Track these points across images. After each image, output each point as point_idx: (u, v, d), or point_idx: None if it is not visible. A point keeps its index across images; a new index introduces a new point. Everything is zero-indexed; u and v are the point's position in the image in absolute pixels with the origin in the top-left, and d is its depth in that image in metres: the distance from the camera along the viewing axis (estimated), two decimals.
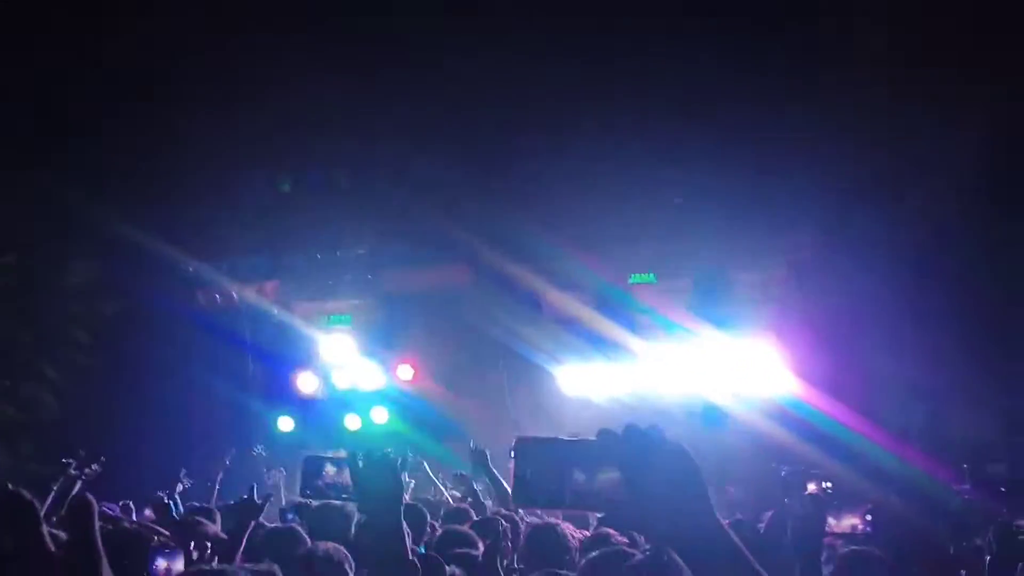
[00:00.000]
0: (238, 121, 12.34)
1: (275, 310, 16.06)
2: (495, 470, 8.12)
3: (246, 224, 14.16)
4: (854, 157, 11.26)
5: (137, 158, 12.43)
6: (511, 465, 1.61)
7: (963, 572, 3.61)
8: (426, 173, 12.93)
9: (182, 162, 12.74)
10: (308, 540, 4.51)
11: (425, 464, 10.04)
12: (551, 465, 1.58)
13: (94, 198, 12.06)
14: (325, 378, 16.41)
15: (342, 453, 3.51)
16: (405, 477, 7.01)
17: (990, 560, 3.67)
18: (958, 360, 10.79)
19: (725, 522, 1.56)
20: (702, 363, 14.28)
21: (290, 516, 6.88)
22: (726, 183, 12.06)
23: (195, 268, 15.22)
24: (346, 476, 4.38)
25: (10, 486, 3.15)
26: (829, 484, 4.36)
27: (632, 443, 1.53)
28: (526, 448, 1.62)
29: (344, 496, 4.55)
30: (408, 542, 2.85)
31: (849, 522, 4.22)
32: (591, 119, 11.78)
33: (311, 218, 13.95)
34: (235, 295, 15.79)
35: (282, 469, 12.15)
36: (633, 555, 3.83)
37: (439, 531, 5.52)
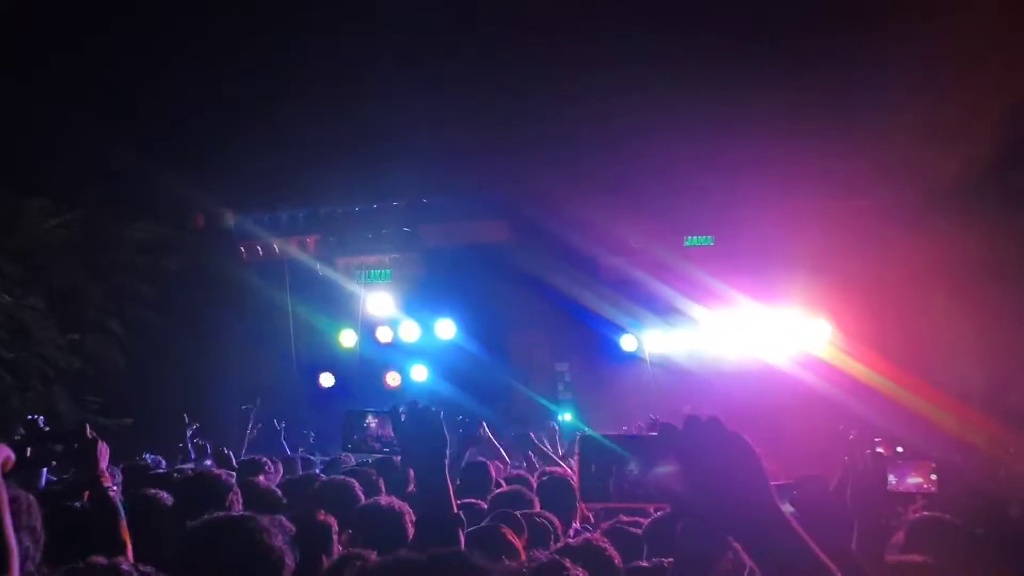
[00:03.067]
0: (275, 75, 12.44)
1: (317, 265, 16.20)
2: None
3: (285, 177, 14.28)
4: (912, 121, 11.10)
5: (179, 111, 12.61)
6: (574, 460, 1.67)
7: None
8: (468, 126, 12.88)
9: (221, 114, 12.87)
10: (361, 496, 4.56)
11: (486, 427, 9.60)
12: (614, 461, 1.66)
13: (147, 154, 12.29)
14: (366, 334, 16.56)
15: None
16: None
17: None
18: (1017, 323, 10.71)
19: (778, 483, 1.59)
20: (758, 327, 14.29)
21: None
22: (783, 147, 11.96)
23: (237, 221, 15.41)
24: (388, 430, 4.43)
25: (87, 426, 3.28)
26: (901, 448, 4.34)
27: (692, 435, 1.57)
28: (589, 445, 1.69)
29: (386, 450, 4.61)
30: (453, 496, 2.83)
31: (913, 481, 4.23)
32: (646, 77, 11.68)
33: (348, 170, 14.01)
34: (276, 248, 15.95)
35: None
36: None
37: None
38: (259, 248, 16.05)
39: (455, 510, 2.79)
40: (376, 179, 14.68)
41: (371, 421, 4.58)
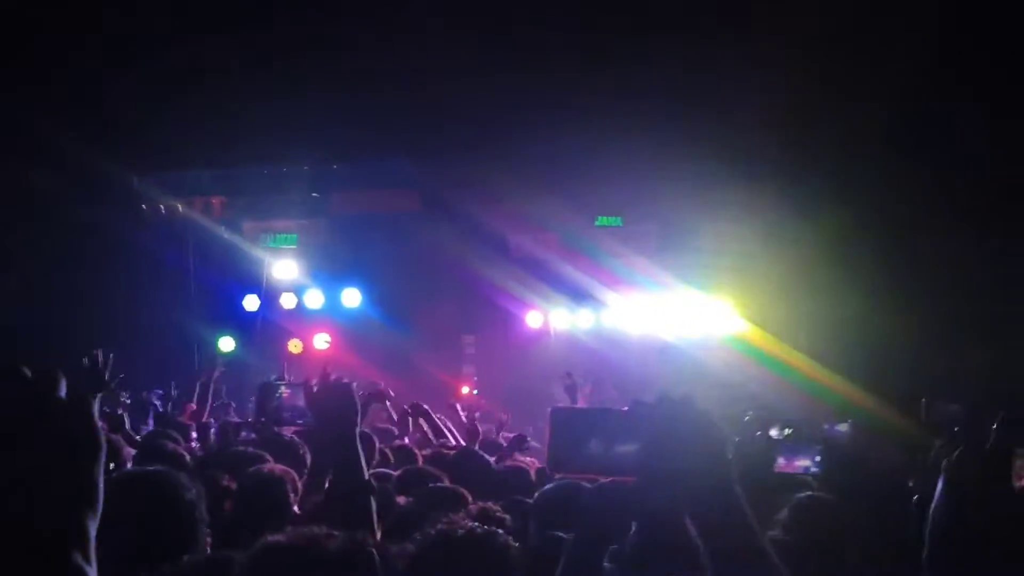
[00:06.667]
0: (182, 29, 12.11)
1: (222, 227, 15.87)
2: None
3: (190, 136, 13.91)
4: (822, 112, 11.47)
5: (81, 68, 12.16)
6: (545, 430, 1.73)
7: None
8: (381, 94, 12.76)
9: (125, 71, 12.48)
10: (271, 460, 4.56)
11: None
12: (583, 434, 1.69)
13: (43, 110, 11.81)
14: (270, 299, 16.34)
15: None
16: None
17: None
18: (911, 303, 11.22)
19: None
20: (665, 308, 14.85)
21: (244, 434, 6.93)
22: (694, 129, 12.17)
23: (140, 181, 14.96)
24: (301, 400, 4.47)
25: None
26: (790, 430, 4.53)
27: (663, 413, 1.62)
28: (560, 417, 1.74)
29: (300, 422, 4.64)
30: (364, 464, 2.94)
31: (800, 463, 4.40)
32: (559, 58, 11.73)
33: (256, 131, 13.72)
34: (180, 209, 15.57)
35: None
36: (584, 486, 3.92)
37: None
38: (162, 208, 15.65)
39: (366, 478, 2.89)
40: (285, 142, 14.44)
41: (284, 392, 4.63)
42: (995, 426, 2.13)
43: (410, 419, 7.82)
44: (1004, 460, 2.18)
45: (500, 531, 2.62)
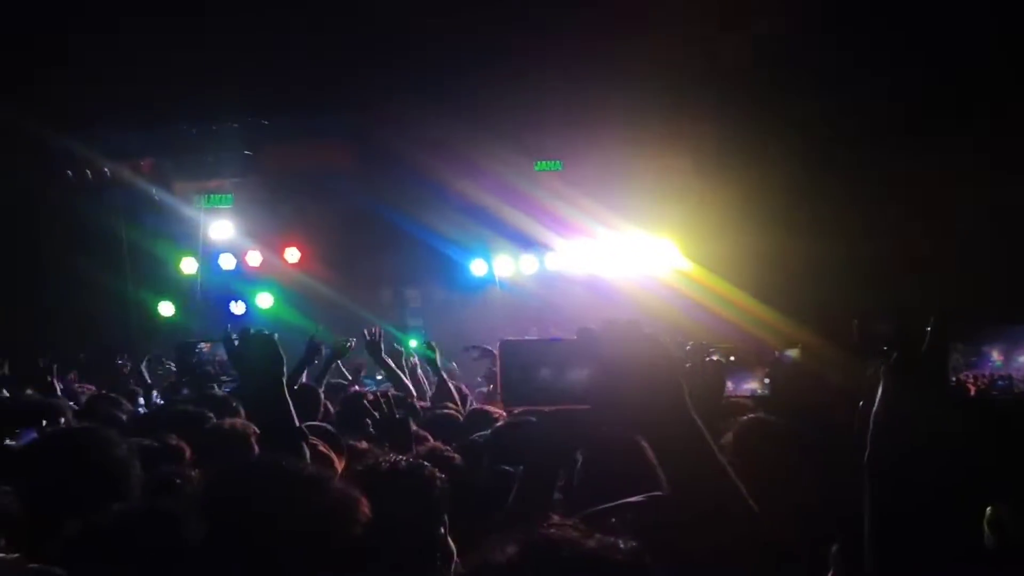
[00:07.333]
0: None
1: (152, 189, 15.45)
2: (390, 360, 7.99)
3: (116, 94, 13.45)
4: (752, 48, 11.49)
5: None
6: (496, 366, 1.68)
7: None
8: (311, 44, 12.47)
9: (48, 26, 12.01)
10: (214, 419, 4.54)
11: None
12: (534, 364, 1.67)
13: None
14: (208, 261, 16.04)
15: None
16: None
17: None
18: (847, 238, 11.39)
19: None
20: (605, 250, 14.97)
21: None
22: (631, 70, 12.12)
23: (64, 144, 14.45)
24: (221, 354, 4.42)
25: None
26: (733, 357, 4.59)
27: (610, 338, 1.61)
28: (510, 349, 1.70)
29: (225, 378, 4.59)
30: (293, 412, 2.97)
31: (748, 386, 4.43)
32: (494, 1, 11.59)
33: (185, 88, 13.32)
34: (108, 172, 15.10)
35: None
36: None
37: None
38: (88, 172, 15.16)
39: (297, 424, 2.94)
40: (214, 99, 14.07)
41: (203, 347, 4.58)
42: (929, 326, 2.11)
43: None
44: (941, 357, 2.18)
45: (427, 464, 2.69)
